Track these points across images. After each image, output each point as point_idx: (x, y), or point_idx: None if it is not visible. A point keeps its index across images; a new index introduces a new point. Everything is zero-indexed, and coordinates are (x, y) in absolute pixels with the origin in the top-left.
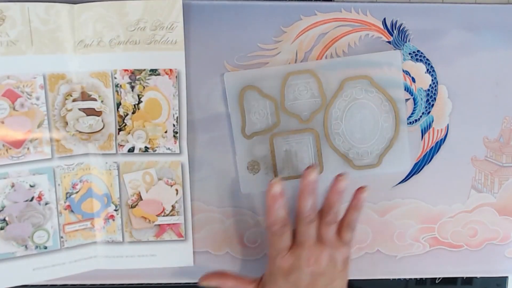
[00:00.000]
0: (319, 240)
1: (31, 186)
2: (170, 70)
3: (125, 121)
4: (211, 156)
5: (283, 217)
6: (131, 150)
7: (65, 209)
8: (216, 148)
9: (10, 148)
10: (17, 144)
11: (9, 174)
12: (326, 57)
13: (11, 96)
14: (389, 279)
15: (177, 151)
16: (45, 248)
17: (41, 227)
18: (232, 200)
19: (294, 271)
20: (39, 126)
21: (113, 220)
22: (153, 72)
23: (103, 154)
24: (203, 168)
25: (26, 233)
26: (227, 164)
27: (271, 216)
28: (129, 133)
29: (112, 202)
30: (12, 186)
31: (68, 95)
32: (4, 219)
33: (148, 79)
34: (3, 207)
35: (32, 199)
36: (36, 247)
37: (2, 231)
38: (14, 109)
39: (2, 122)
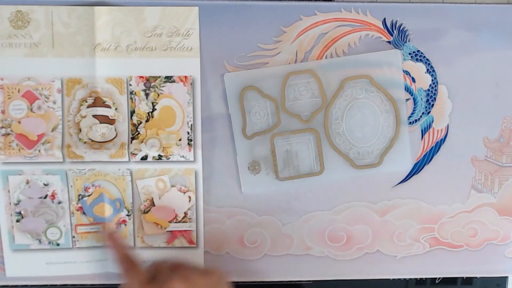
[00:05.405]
0: None
1: (44, 184)
2: (185, 77)
3: (138, 129)
4: (212, 156)
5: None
6: (144, 158)
7: (77, 210)
8: (217, 148)
9: (22, 148)
10: (30, 145)
11: (24, 171)
12: (326, 57)
13: (30, 97)
14: (389, 279)
15: (191, 159)
16: (58, 245)
17: (54, 224)
18: (233, 200)
19: None
20: (53, 130)
21: (125, 225)
22: (168, 79)
23: (116, 162)
24: (204, 168)
25: (40, 228)
26: (228, 164)
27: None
28: (142, 141)
29: (125, 207)
30: (27, 182)
31: (83, 101)
32: (20, 213)
33: (163, 86)
34: (19, 201)
35: (46, 197)
36: (49, 242)
37: (18, 223)
38: (31, 110)
39: (19, 122)
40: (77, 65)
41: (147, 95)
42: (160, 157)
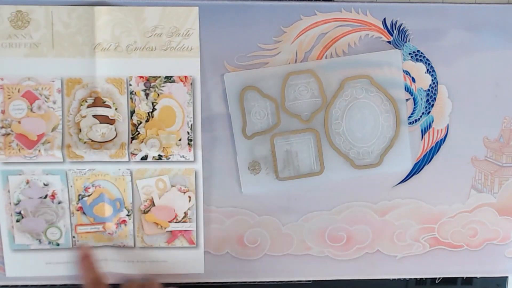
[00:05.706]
0: None
1: (44, 184)
2: (185, 77)
3: (138, 129)
4: (212, 156)
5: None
6: (144, 158)
7: (77, 210)
8: (217, 148)
9: (22, 148)
10: (30, 145)
11: (23, 171)
12: (326, 57)
13: (30, 97)
14: (389, 279)
15: (191, 159)
16: (58, 245)
17: (54, 224)
18: (232, 200)
19: None
20: (53, 130)
21: (125, 225)
22: (168, 79)
23: (116, 162)
24: (204, 168)
25: (40, 228)
26: (228, 164)
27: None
28: (142, 141)
29: (125, 207)
30: (27, 182)
31: (83, 101)
32: (20, 213)
33: (163, 86)
34: (19, 201)
35: (45, 197)
36: (49, 242)
37: (18, 223)
38: (31, 110)
39: (19, 122)
40: (77, 65)
41: (147, 95)
42: (160, 157)
